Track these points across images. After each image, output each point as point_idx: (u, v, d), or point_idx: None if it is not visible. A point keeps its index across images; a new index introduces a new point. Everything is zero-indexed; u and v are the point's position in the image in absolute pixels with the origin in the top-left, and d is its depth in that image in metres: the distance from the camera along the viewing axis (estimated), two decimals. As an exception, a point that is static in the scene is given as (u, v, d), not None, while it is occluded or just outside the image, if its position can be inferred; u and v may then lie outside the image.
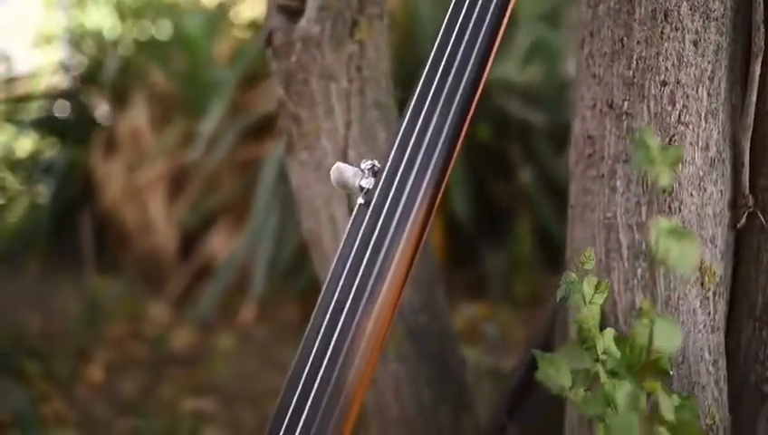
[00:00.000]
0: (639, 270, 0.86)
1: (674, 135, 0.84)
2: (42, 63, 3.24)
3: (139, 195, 2.66)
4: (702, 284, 0.87)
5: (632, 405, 0.66)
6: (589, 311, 0.75)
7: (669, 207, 0.85)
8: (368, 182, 0.71)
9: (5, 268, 2.80)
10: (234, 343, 2.37)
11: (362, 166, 0.71)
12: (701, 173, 0.86)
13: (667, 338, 0.64)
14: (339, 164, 0.72)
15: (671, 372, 0.75)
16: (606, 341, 0.77)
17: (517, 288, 2.55)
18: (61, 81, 3.13)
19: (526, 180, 2.52)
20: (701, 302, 0.87)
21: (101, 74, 2.87)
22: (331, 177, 0.72)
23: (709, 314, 0.87)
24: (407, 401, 1.05)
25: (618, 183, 0.86)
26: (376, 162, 0.71)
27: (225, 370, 2.21)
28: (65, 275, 2.75)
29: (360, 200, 0.70)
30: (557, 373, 0.69)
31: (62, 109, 3.04)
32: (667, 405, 0.67)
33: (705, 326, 0.87)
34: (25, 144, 3.07)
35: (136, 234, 2.71)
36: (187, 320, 2.46)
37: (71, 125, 2.98)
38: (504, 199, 2.60)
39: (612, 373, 0.74)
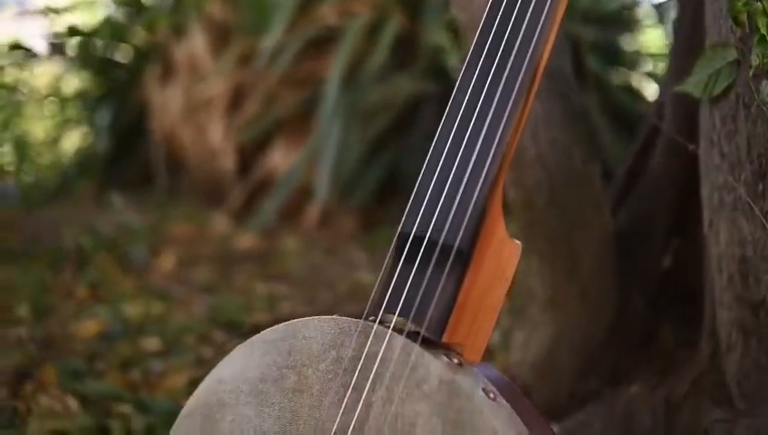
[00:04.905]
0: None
1: None
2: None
3: (198, 115, 2.71)
4: None
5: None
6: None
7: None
8: None
9: (64, 194, 2.84)
10: (298, 245, 2.41)
11: None
12: None
13: None
14: None
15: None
16: None
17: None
18: (108, 14, 3.17)
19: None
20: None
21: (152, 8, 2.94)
22: None
23: None
24: (542, 139, 1.09)
25: None
26: None
27: (294, 263, 2.24)
28: (125, 198, 2.79)
29: None
30: None
31: (111, 42, 3.08)
32: None
33: None
34: (75, 78, 3.11)
35: (195, 156, 2.76)
36: (248, 229, 2.50)
37: (121, 57, 3.04)
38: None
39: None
